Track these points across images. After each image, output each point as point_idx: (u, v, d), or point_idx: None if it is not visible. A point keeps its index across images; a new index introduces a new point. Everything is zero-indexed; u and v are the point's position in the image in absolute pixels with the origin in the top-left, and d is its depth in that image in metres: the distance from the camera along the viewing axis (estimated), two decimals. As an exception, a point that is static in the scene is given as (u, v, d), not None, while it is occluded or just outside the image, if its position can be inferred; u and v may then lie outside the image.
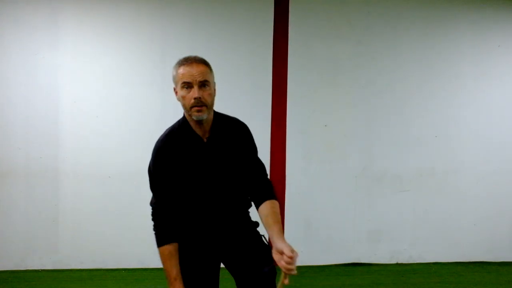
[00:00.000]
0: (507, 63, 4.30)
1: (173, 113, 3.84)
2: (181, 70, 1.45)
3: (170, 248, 1.48)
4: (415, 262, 4.17)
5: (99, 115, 3.73)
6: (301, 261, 4.57)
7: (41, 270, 3.68)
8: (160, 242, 1.50)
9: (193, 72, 1.41)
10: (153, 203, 1.60)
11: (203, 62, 1.47)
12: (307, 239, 4.04)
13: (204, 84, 1.44)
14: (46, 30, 3.67)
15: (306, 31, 3.99)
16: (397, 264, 4.14)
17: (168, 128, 1.59)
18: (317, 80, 4.01)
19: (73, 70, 3.72)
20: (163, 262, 1.48)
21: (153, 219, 1.56)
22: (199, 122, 1.49)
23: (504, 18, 4.28)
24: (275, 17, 3.93)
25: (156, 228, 1.54)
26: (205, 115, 1.47)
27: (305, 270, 3.88)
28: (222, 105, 1.64)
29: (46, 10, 3.67)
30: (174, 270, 1.46)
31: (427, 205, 4.20)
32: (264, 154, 3.82)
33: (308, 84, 3.99)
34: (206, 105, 1.45)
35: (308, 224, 4.06)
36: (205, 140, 1.53)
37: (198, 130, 1.53)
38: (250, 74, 3.92)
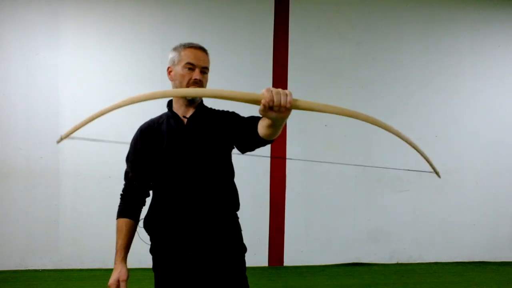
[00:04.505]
0: (506, 63, 4.31)
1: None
2: (188, 52, 1.54)
3: (121, 222, 1.59)
4: (415, 262, 4.17)
5: (99, 115, 3.73)
6: (301, 260, 4.58)
7: (42, 270, 3.69)
8: (117, 215, 1.62)
9: (199, 56, 1.53)
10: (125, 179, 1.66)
11: (206, 52, 1.59)
12: (307, 239, 4.04)
13: (205, 70, 1.55)
14: (46, 30, 3.68)
15: (306, 31, 4.00)
16: (397, 264, 4.14)
17: None
18: (317, 80, 4.01)
19: (73, 70, 3.73)
20: (116, 233, 1.59)
21: (121, 194, 1.65)
22: (190, 102, 1.56)
23: (504, 18, 4.28)
24: (275, 17, 3.93)
25: (120, 201, 1.64)
26: (198, 97, 1.56)
27: (305, 270, 3.88)
28: (221, 104, 1.64)
29: (46, 10, 3.68)
30: (119, 243, 1.56)
31: (427, 205, 4.20)
32: (264, 154, 3.84)
33: (308, 84, 3.99)
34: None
35: (308, 224, 4.06)
36: (184, 121, 1.57)
37: (181, 111, 1.58)
38: (250, 74, 3.92)
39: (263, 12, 3.92)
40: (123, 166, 4.39)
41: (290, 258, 3.99)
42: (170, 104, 1.63)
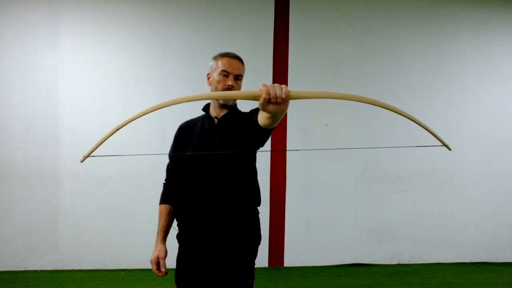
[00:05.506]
0: (508, 63, 4.29)
1: (173, 112, 3.86)
2: (224, 60, 1.71)
3: (162, 207, 1.82)
4: (416, 262, 4.16)
5: (98, 115, 3.72)
6: (302, 261, 4.55)
7: (41, 270, 3.67)
8: (160, 202, 1.85)
9: (234, 65, 1.70)
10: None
11: (242, 61, 1.76)
12: (307, 240, 4.03)
13: (239, 78, 1.73)
14: (46, 30, 3.67)
15: (306, 31, 3.99)
16: (398, 264, 4.12)
17: None
18: (318, 80, 4.00)
19: (73, 70, 3.72)
20: (158, 217, 1.82)
21: (163, 183, 1.87)
22: (224, 106, 1.73)
23: (506, 17, 4.27)
24: (275, 17, 3.93)
25: (162, 189, 1.86)
26: (231, 101, 1.74)
27: (306, 270, 3.87)
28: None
29: (46, 10, 3.67)
30: (160, 225, 1.79)
31: (428, 205, 4.19)
32: (264, 153, 3.83)
33: (308, 84, 3.98)
34: None
35: (309, 224, 4.05)
36: (216, 121, 1.75)
37: (215, 112, 1.77)
38: (250, 74, 3.88)
39: (263, 12, 3.92)
40: (122, 167, 4.37)
41: (291, 259, 3.98)
42: (207, 106, 1.83)
